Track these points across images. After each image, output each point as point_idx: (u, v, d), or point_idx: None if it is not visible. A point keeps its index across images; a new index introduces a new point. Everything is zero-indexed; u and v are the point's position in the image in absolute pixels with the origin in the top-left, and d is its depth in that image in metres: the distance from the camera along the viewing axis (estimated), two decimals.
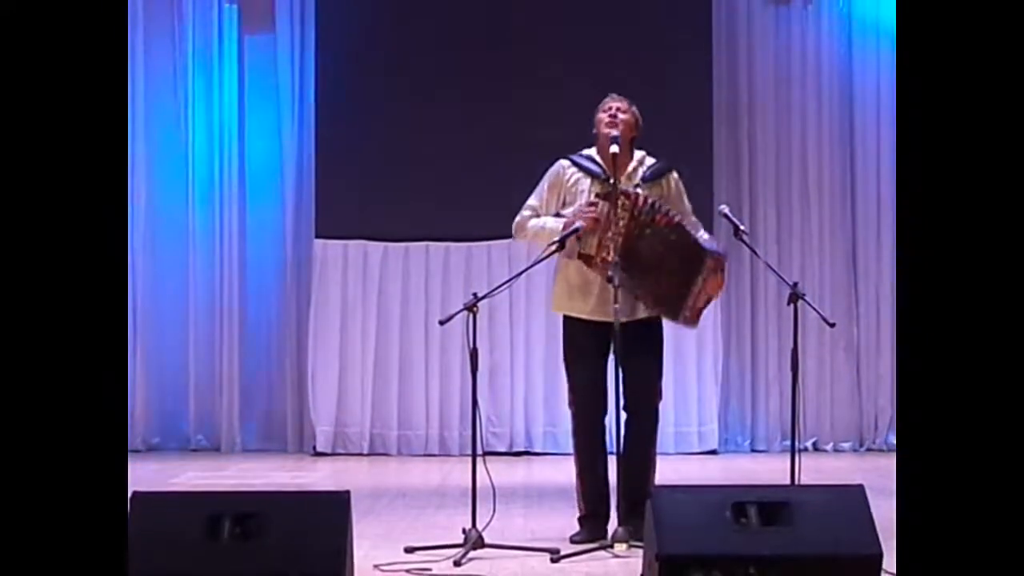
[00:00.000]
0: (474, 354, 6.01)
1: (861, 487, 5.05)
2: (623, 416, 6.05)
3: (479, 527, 5.93)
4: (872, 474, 8.56)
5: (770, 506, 4.90)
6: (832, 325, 6.84)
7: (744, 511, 4.88)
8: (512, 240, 6.92)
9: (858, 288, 10.50)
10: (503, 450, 10.04)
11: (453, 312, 6.14)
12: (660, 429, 6.38)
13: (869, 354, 10.46)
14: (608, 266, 6.02)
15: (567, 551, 5.86)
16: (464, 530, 5.97)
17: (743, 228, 6.35)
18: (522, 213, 6.41)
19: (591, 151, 6.38)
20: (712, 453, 10.17)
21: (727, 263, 6.32)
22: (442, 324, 6.32)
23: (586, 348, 6.27)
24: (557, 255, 6.23)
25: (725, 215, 6.40)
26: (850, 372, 10.47)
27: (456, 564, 5.67)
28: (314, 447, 10.18)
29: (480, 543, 5.88)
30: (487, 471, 5.93)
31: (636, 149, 6.36)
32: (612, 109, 6.30)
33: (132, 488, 4.69)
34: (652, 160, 6.37)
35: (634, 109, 6.35)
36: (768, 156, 10.49)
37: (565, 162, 6.41)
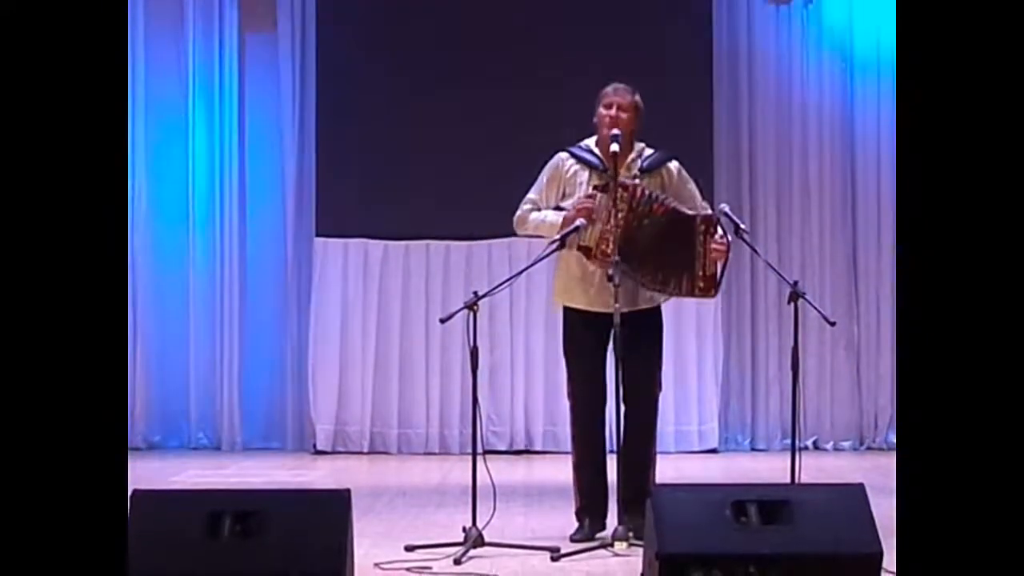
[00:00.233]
0: (474, 353, 6.02)
1: (861, 486, 5.06)
2: (622, 409, 6.05)
3: (479, 525, 5.94)
4: (872, 473, 8.56)
5: (770, 505, 4.90)
6: (833, 324, 6.84)
7: (744, 510, 4.88)
8: (513, 239, 6.93)
9: (858, 287, 10.49)
10: (503, 449, 10.03)
11: (454, 311, 6.14)
12: (660, 428, 6.38)
13: (869, 353, 10.45)
14: (608, 262, 6.02)
15: (567, 550, 5.87)
16: (464, 528, 5.97)
17: (743, 227, 6.35)
18: (522, 207, 6.42)
19: (590, 141, 6.39)
20: (712, 452, 10.16)
21: (717, 220, 6.26)
22: (443, 322, 6.32)
23: (585, 338, 6.28)
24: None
25: (726, 214, 6.39)
26: (850, 371, 10.46)
27: (456, 562, 5.67)
28: (314, 445, 10.16)
29: (480, 542, 5.89)
30: (487, 470, 5.94)
31: (637, 141, 6.37)
32: (613, 107, 6.30)
33: (132, 486, 4.70)
34: (651, 151, 6.38)
35: (636, 98, 6.35)
36: (768, 155, 10.47)
37: (564, 154, 6.43)
